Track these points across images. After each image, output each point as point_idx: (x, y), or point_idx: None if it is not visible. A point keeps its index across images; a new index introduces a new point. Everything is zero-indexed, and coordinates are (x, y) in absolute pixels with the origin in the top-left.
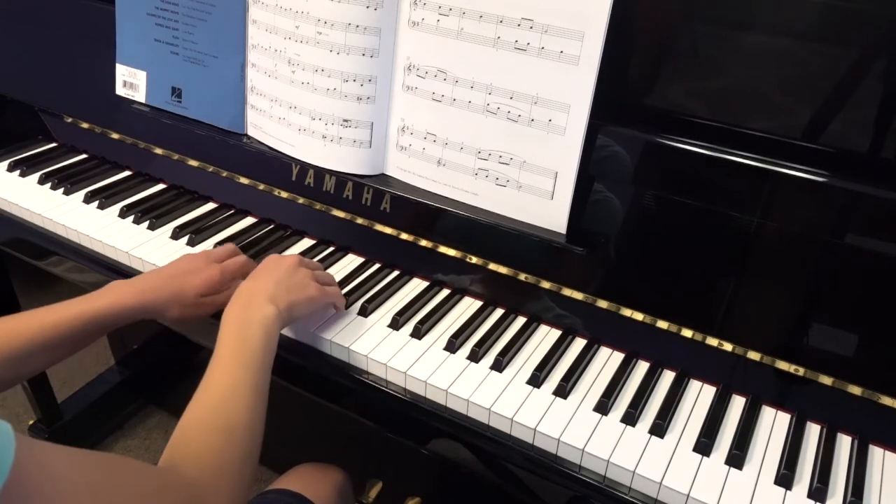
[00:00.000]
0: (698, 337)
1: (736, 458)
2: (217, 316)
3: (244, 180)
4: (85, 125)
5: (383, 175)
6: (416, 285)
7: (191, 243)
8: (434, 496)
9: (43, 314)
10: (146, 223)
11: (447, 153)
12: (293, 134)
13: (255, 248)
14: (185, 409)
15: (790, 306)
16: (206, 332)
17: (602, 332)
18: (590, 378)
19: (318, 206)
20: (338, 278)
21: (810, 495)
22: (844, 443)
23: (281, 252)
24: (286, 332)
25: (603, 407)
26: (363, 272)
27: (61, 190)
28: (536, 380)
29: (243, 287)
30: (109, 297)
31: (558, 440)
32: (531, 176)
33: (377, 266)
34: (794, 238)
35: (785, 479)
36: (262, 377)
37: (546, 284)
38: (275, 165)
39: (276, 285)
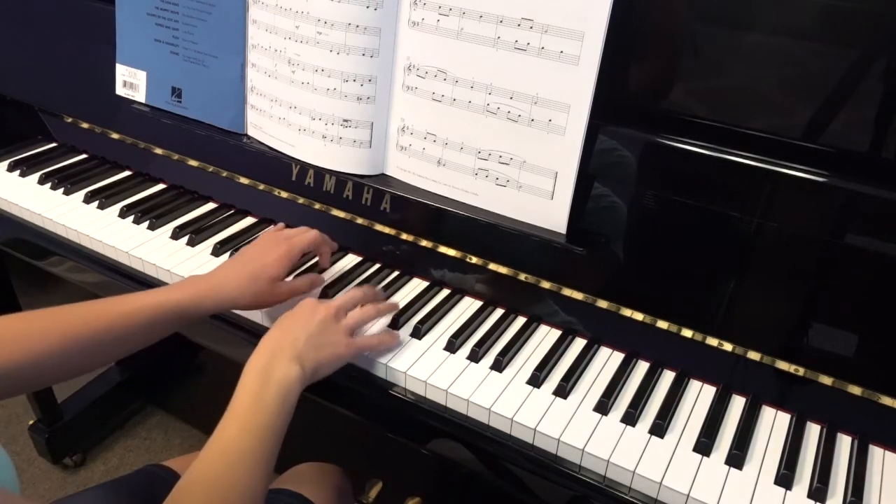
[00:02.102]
0: (698, 337)
1: (736, 458)
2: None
3: (244, 180)
4: (85, 125)
5: (383, 175)
6: (416, 285)
7: (191, 243)
8: (434, 496)
9: (117, 303)
10: (146, 223)
11: (447, 153)
12: (293, 134)
13: None
14: (189, 468)
15: (790, 306)
16: (206, 332)
17: (602, 332)
18: (590, 378)
19: (317, 205)
20: (337, 278)
21: (810, 495)
22: (844, 443)
23: None
24: None
25: (603, 407)
26: (363, 272)
27: (61, 190)
28: (536, 380)
29: (272, 335)
30: (188, 290)
31: (558, 440)
32: (531, 176)
33: (377, 266)
34: (794, 238)
35: (785, 479)
36: (273, 446)
37: (546, 284)
38: (275, 165)
39: (307, 341)
